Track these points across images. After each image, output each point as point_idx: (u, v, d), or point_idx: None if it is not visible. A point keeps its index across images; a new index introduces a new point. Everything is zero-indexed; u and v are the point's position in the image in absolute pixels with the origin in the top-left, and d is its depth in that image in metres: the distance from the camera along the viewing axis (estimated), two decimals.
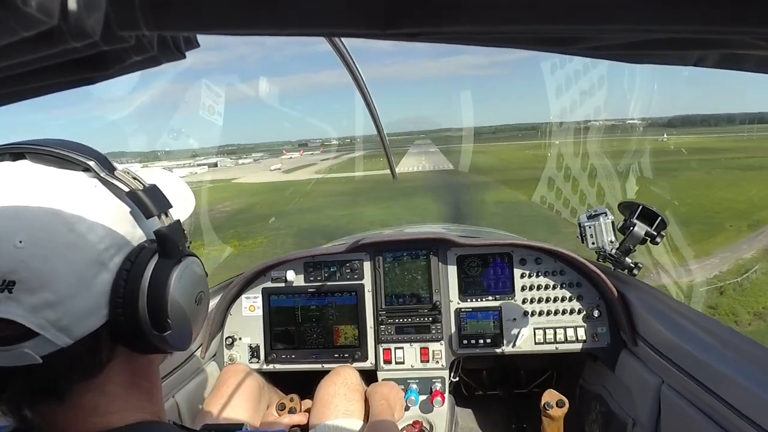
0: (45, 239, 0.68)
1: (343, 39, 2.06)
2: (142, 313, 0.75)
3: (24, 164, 0.75)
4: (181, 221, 0.86)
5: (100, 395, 0.76)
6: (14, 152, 0.76)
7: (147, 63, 0.49)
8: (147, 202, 0.78)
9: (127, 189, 0.78)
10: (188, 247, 0.86)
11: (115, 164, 0.81)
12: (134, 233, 0.78)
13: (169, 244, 0.79)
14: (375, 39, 0.40)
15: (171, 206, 0.82)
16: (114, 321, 0.74)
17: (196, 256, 0.87)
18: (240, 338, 2.58)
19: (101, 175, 0.77)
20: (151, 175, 0.88)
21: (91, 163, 0.77)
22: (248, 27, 0.39)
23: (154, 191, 0.80)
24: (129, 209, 0.78)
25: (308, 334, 2.57)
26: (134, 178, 0.79)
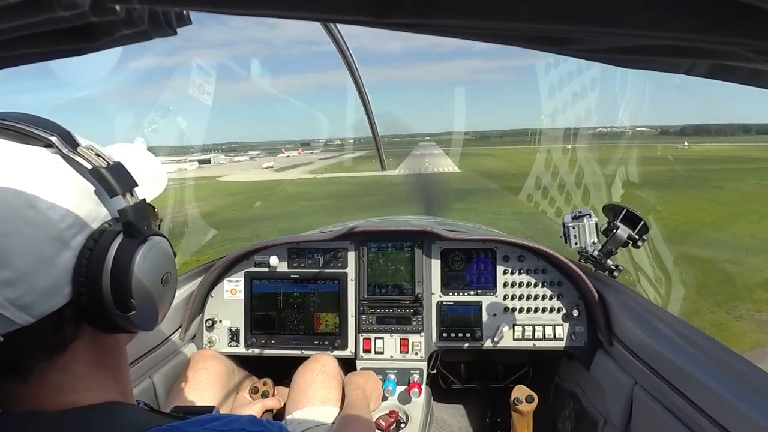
0: (4, 216, 0.66)
1: (341, 29, 2.04)
2: (106, 292, 0.73)
3: None
4: (150, 200, 0.84)
5: (65, 374, 0.75)
6: None
7: (136, 37, 0.48)
8: (110, 180, 0.75)
9: (89, 166, 0.75)
10: (158, 227, 0.84)
11: (80, 140, 0.78)
12: (98, 212, 0.76)
13: (134, 224, 0.77)
14: (371, 27, 0.40)
15: (136, 185, 0.80)
16: (77, 300, 0.72)
17: (164, 237, 0.85)
18: (220, 321, 2.57)
19: (63, 151, 0.74)
20: (122, 152, 0.86)
21: (53, 139, 0.74)
22: (242, 6, 0.38)
23: (118, 169, 0.77)
24: (93, 187, 0.76)
25: (289, 320, 2.57)
26: (98, 155, 0.76)
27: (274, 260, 2.55)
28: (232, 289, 2.58)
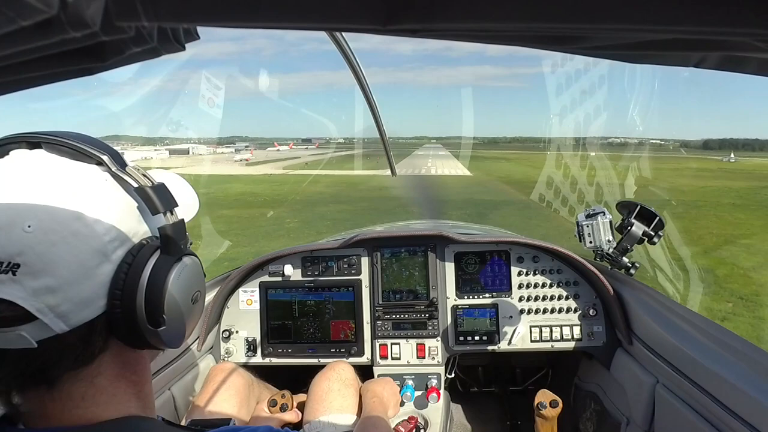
0: (53, 226, 0.70)
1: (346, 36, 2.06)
2: (139, 306, 0.76)
3: (39, 153, 0.78)
4: (185, 221, 0.87)
5: (89, 386, 0.77)
6: (31, 141, 0.78)
7: (146, 54, 0.49)
8: (154, 198, 0.80)
9: (136, 185, 0.80)
10: (189, 247, 0.87)
11: (127, 161, 0.83)
12: (139, 228, 0.80)
13: (172, 242, 0.81)
14: (375, 34, 0.40)
15: (177, 205, 0.84)
16: (111, 312, 0.75)
17: (196, 257, 0.89)
18: (237, 332, 2.59)
19: (112, 169, 0.79)
20: (159, 175, 0.90)
21: (104, 158, 0.79)
22: (249, 20, 0.38)
23: (161, 189, 0.82)
24: (136, 204, 0.80)
25: (305, 328, 2.57)
26: (144, 175, 0.81)
27: (288, 269, 2.56)
28: (248, 300, 2.60)
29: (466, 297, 2.52)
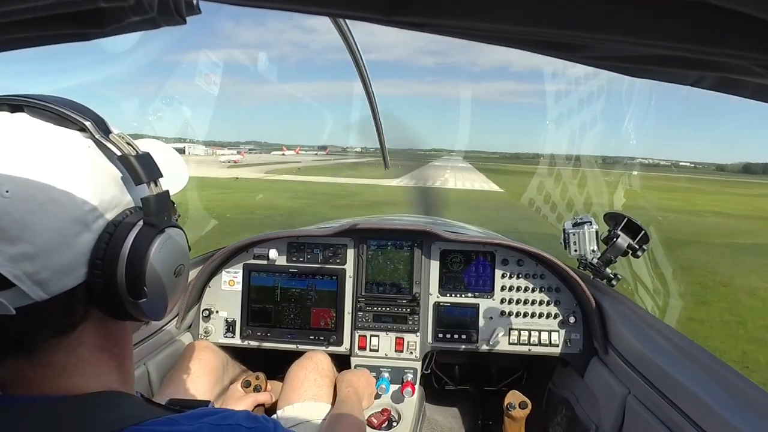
0: (32, 192, 0.68)
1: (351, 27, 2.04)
2: (120, 277, 0.75)
3: (21, 117, 0.75)
4: (171, 193, 0.86)
5: (70, 355, 0.76)
6: (13, 104, 0.76)
7: (145, 24, 0.49)
8: (138, 168, 0.78)
9: (119, 153, 0.77)
10: (176, 220, 0.86)
11: (112, 127, 0.80)
12: (122, 198, 0.78)
13: (155, 213, 0.79)
14: (378, 24, 0.40)
15: (161, 175, 0.82)
16: (91, 282, 0.74)
17: (181, 229, 0.87)
18: (217, 311, 2.58)
19: (96, 136, 0.76)
20: (149, 146, 0.88)
21: (88, 124, 0.76)
22: None
23: (146, 159, 0.80)
24: (120, 174, 0.78)
25: (285, 313, 2.57)
26: (128, 144, 0.79)
27: (273, 253, 2.55)
28: (230, 281, 2.59)
29: (448, 295, 2.53)
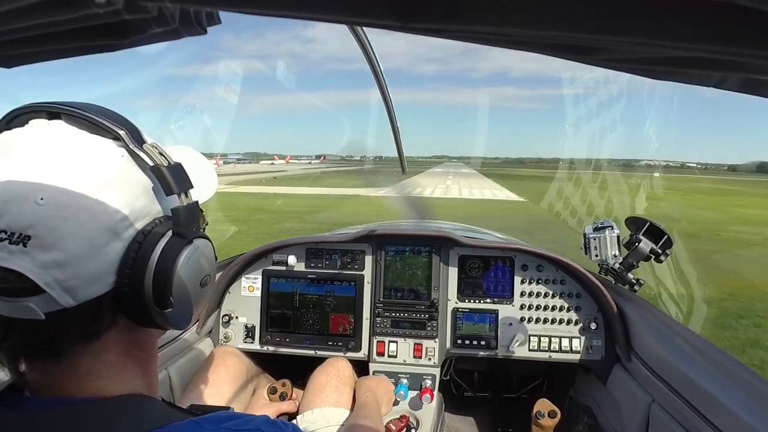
0: (65, 200, 0.69)
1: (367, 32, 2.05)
2: (147, 287, 0.76)
3: (58, 124, 0.77)
4: (200, 203, 0.87)
5: (96, 361, 0.77)
6: (51, 111, 0.77)
7: (167, 35, 0.50)
8: (169, 178, 0.79)
9: (152, 163, 0.78)
10: (203, 230, 0.87)
11: (146, 137, 0.82)
12: (152, 208, 0.79)
13: (184, 224, 0.80)
14: (396, 31, 0.40)
15: (192, 186, 0.83)
16: (119, 290, 0.75)
17: (209, 240, 0.88)
18: (236, 317, 2.60)
19: (129, 145, 0.78)
20: (180, 154, 0.89)
21: (122, 133, 0.78)
22: (270, 7, 0.39)
23: (177, 169, 0.81)
24: (151, 183, 0.79)
25: (304, 319, 2.58)
26: (161, 154, 0.80)
27: (292, 259, 2.57)
28: (250, 287, 2.61)
29: (467, 300, 2.52)
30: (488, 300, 2.50)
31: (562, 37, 0.39)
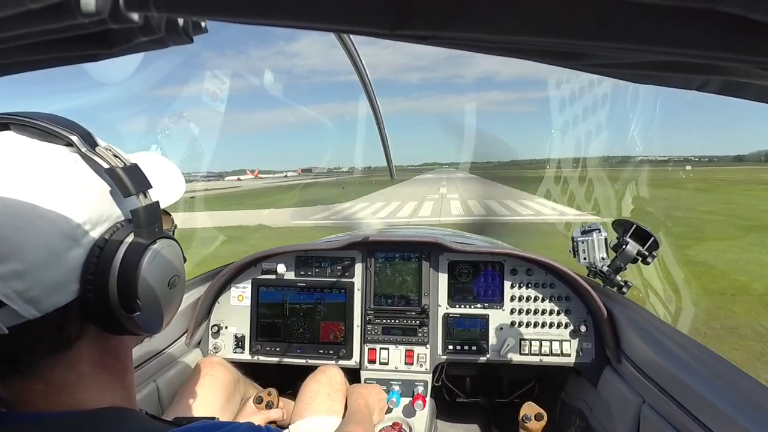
0: (19, 210, 0.68)
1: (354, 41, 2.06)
2: (112, 291, 0.74)
3: (8, 135, 0.75)
4: (166, 205, 0.86)
5: (70, 372, 0.76)
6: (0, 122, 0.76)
7: (153, 44, 0.49)
8: (125, 179, 0.77)
9: (107, 165, 0.77)
10: (172, 233, 0.85)
11: (99, 140, 0.80)
12: (111, 211, 0.77)
13: (145, 225, 0.78)
14: (384, 38, 0.40)
15: (150, 186, 0.81)
16: (84, 298, 0.73)
17: (175, 240, 0.86)
18: (226, 327, 2.58)
19: (82, 150, 0.76)
20: (144, 158, 0.87)
21: (74, 138, 0.76)
22: (257, 16, 0.39)
23: (134, 170, 0.79)
24: (108, 187, 0.78)
25: (295, 328, 2.57)
26: (115, 156, 0.79)
27: (281, 268, 2.55)
28: (239, 296, 2.59)
29: (457, 306, 2.52)
30: (479, 305, 2.50)
31: (548, 43, 0.39)
